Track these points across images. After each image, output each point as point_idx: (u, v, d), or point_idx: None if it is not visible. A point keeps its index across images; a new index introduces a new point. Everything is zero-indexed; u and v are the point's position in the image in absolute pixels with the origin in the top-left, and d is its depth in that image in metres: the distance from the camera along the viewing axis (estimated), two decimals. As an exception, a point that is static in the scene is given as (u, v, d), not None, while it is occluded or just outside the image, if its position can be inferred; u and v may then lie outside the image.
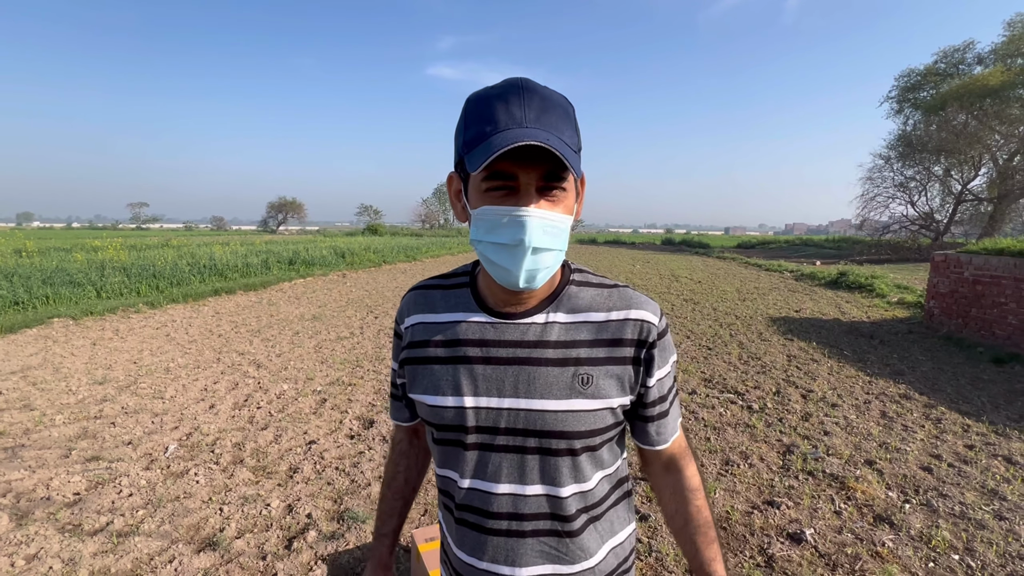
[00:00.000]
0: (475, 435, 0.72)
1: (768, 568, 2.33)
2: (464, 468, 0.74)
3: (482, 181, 0.64)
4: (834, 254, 26.71)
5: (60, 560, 2.28)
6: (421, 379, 0.76)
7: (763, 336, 7.09)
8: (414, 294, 0.83)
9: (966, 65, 25.75)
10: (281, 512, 2.71)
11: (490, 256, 0.67)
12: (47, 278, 9.29)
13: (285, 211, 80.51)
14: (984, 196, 25.31)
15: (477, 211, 0.67)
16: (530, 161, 0.62)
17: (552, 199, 0.65)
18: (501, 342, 0.72)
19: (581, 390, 0.70)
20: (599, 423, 0.71)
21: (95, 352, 5.84)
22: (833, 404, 4.40)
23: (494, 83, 0.67)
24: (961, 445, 3.59)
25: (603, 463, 0.76)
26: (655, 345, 0.73)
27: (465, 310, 0.76)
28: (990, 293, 6.78)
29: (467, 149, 0.64)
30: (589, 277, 0.78)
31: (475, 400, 0.72)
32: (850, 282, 12.14)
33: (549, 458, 0.71)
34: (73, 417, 3.93)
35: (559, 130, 0.63)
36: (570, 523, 0.72)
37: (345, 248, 18.94)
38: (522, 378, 0.71)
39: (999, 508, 2.78)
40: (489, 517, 0.73)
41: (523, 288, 0.68)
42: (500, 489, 0.72)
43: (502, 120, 0.62)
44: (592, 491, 0.74)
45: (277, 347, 6.20)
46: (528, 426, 0.70)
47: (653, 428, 0.77)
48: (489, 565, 0.73)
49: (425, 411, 0.76)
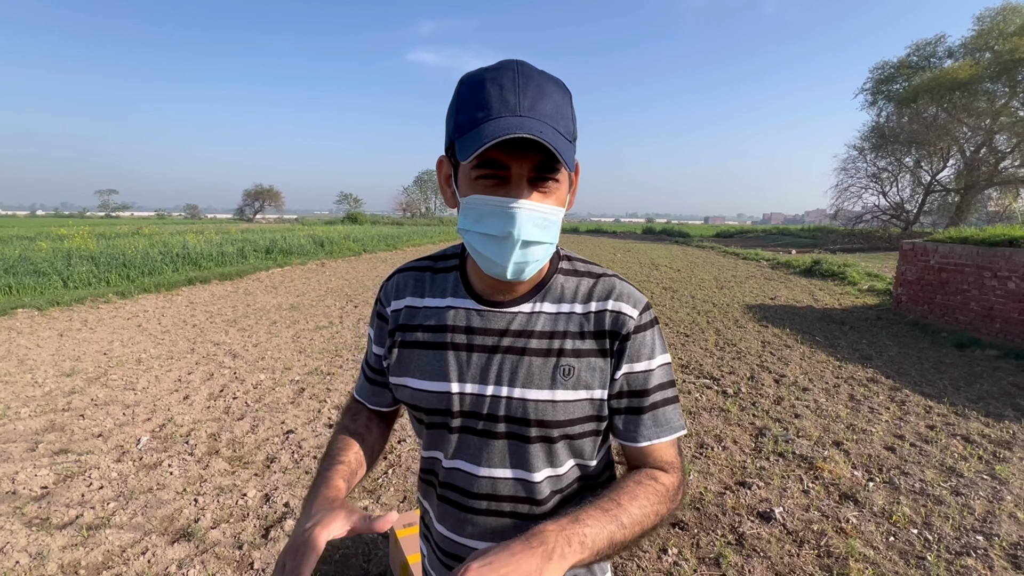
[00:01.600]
0: (459, 419, 0.73)
1: (739, 546, 2.40)
2: (447, 449, 0.75)
3: (472, 169, 0.63)
4: (809, 243, 27.33)
5: (27, 554, 2.22)
6: (408, 363, 0.76)
7: (739, 323, 7.24)
8: (402, 276, 0.81)
9: (937, 58, 26.41)
10: (258, 502, 2.69)
11: (478, 247, 0.66)
12: (9, 267, 8.93)
13: (262, 199, 78.70)
14: (952, 187, 26.15)
15: (466, 200, 0.65)
16: (522, 151, 0.60)
17: (544, 190, 0.64)
18: (487, 330, 0.73)
19: (563, 381, 0.70)
20: (578, 413, 0.71)
21: (62, 343, 5.66)
22: (804, 388, 4.54)
23: (489, 64, 0.64)
24: (923, 426, 3.75)
25: (580, 453, 0.76)
26: (628, 338, 0.71)
27: (453, 295, 0.76)
28: (954, 280, 7.04)
29: (458, 134, 0.62)
30: (578, 265, 0.78)
31: (460, 386, 0.72)
32: (824, 270, 12.46)
33: (526, 445, 0.72)
34: (40, 410, 3.81)
35: (554, 119, 0.61)
36: (542, 506, 0.74)
37: (324, 237, 18.63)
38: (506, 367, 0.71)
39: (956, 484, 2.92)
40: (470, 497, 0.75)
41: (511, 279, 0.67)
42: (481, 472, 0.73)
43: (495, 106, 0.60)
44: (564, 475, 0.75)
45: (254, 337, 6.10)
46: (510, 413, 0.71)
47: (621, 421, 0.74)
48: (468, 540, 0.76)
49: (409, 395, 0.76)
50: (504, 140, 0.57)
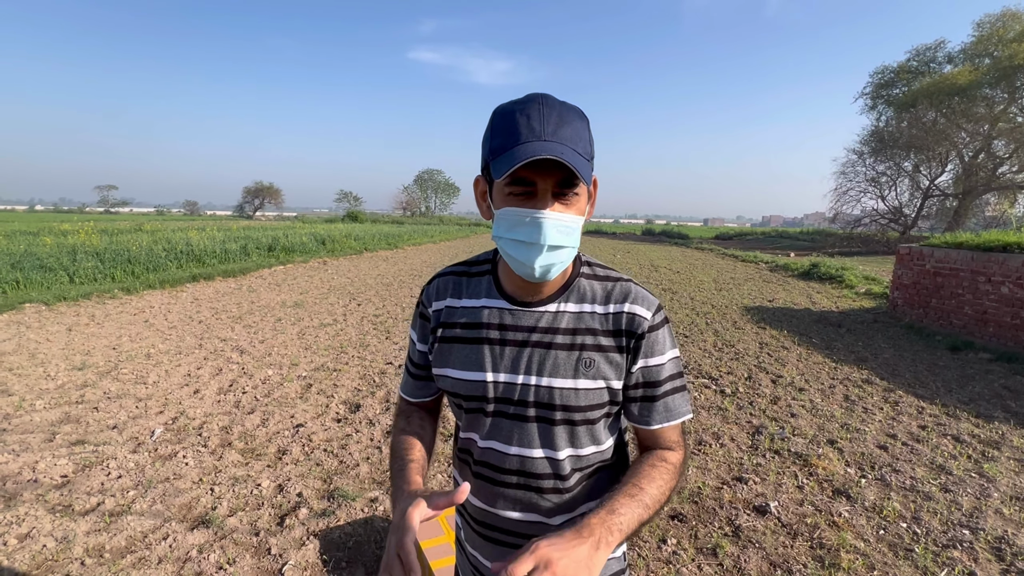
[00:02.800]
0: (493, 404, 0.84)
1: (735, 537, 2.51)
2: (482, 430, 0.86)
3: (505, 186, 0.74)
4: (808, 246, 27.48)
5: (53, 539, 2.32)
6: (448, 356, 0.87)
7: (737, 324, 7.35)
8: (442, 280, 0.92)
9: (937, 64, 26.57)
10: (272, 491, 2.79)
11: (510, 251, 0.77)
12: (16, 263, 9.00)
13: (262, 196, 78.65)
14: (950, 191, 26.31)
15: (500, 211, 0.76)
16: (547, 169, 0.72)
17: (566, 202, 0.75)
18: (518, 327, 0.84)
19: (584, 372, 0.81)
20: (597, 399, 0.82)
21: (71, 338, 5.74)
22: (800, 388, 4.64)
23: (518, 97, 0.77)
24: (915, 425, 3.85)
25: (597, 435, 0.86)
26: (644, 337, 0.83)
27: (487, 296, 0.87)
28: (949, 284, 7.15)
29: (493, 156, 0.74)
30: (597, 271, 0.88)
31: (495, 376, 0.83)
32: (821, 273, 12.57)
33: (552, 427, 0.83)
34: (54, 402, 3.91)
35: (573, 141, 0.72)
36: (566, 480, 0.85)
37: (325, 235, 18.70)
38: (535, 359, 0.82)
39: (945, 482, 3.02)
40: (501, 472, 0.86)
41: (539, 279, 0.78)
42: (511, 451, 0.84)
43: (524, 133, 0.71)
44: (584, 455, 0.86)
45: (260, 333, 6.19)
46: (538, 399, 0.82)
47: (635, 408, 0.86)
48: (499, 511, 0.87)
49: (450, 383, 0.87)
50: (531, 161, 0.69)
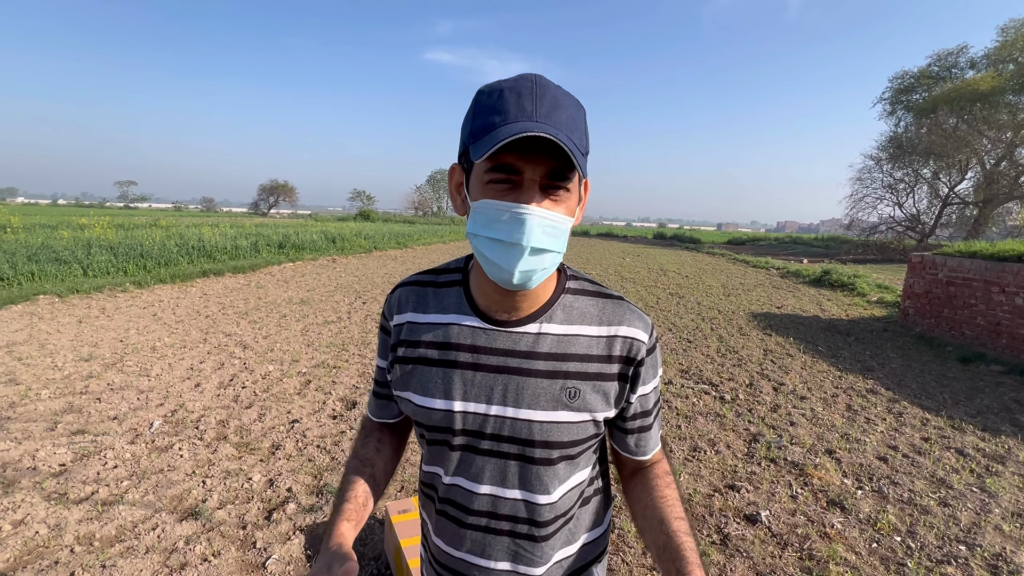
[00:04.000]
0: (461, 437, 0.74)
1: (723, 545, 2.47)
2: (448, 466, 0.76)
3: (485, 172, 0.63)
4: (822, 252, 27.08)
5: (46, 526, 2.36)
6: (410, 379, 0.76)
7: (743, 331, 7.26)
8: (404, 291, 0.80)
9: (959, 69, 26.01)
10: (262, 486, 2.81)
11: (485, 252, 0.65)
12: (32, 255, 9.21)
13: (276, 194, 79.61)
14: (970, 200, 25.74)
15: (477, 203, 0.64)
16: (536, 155, 0.60)
17: (555, 198, 0.63)
18: (493, 350, 0.72)
19: (568, 403, 0.71)
20: (581, 434, 0.72)
21: (81, 329, 5.86)
22: (802, 397, 4.57)
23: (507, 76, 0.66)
24: (918, 437, 3.77)
25: (579, 468, 0.77)
26: (643, 363, 0.74)
27: (457, 312, 0.75)
28: (962, 294, 6.99)
29: (473, 139, 0.62)
30: (585, 285, 0.77)
31: (463, 405, 0.72)
32: (833, 280, 12.37)
33: (529, 465, 0.73)
34: (59, 392, 3.99)
35: (569, 129, 0.61)
36: (543, 528, 0.75)
37: (336, 233, 18.87)
38: (511, 387, 0.71)
39: (944, 496, 2.95)
40: (468, 513, 0.75)
41: (517, 287, 0.66)
42: (481, 489, 0.74)
43: (512, 112, 0.60)
44: (566, 495, 0.76)
45: (264, 329, 6.26)
46: (513, 434, 0.71)
47: (632, 440, 0.79)
48: (464, 555, 0.77)
49: (411, 409, 0.77)
50: (519, 143, 0.58)
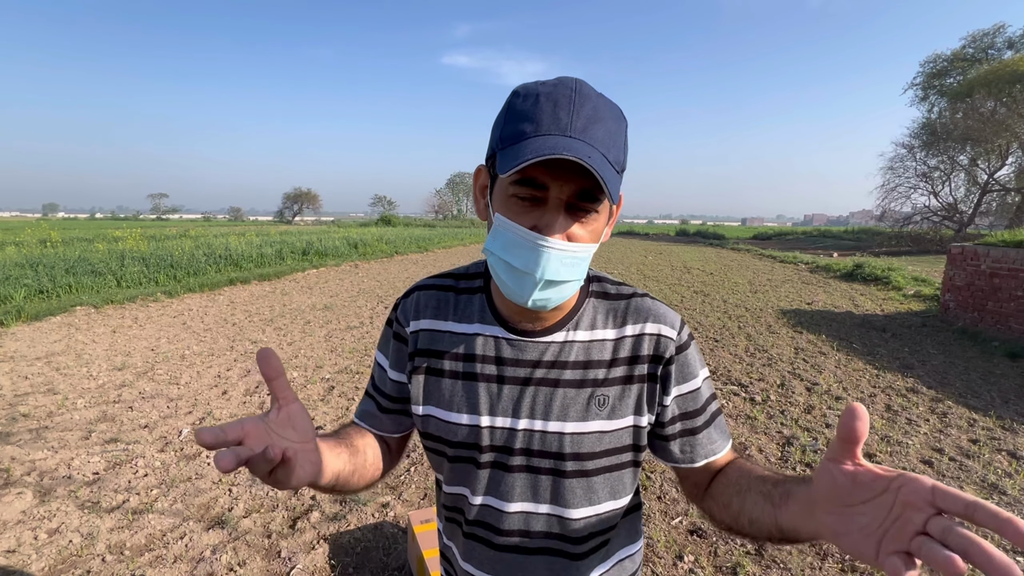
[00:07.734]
0: (489, 454, 0.70)
1: (758, 556, 2.37)
2: (476, 485, 0.72)
3: (510, 184, 0.59)
4: (852, 245, 26.21)
5: (80, 534, 2.41)
6: (431, 392, 0.72)
7: (772, 328, 7.04)
8: (422, 295, 0.76)
9: (995, 50, 24.90)
10: (287, 494, 2.82)
11: (501, 274, 0.63)
12: (70, 267, 9.58)
13: (300, 202, 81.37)
14: (1012, 186, 24.54)
15: (498, 221, 0.61)
16: (566, 174, 0.56)
17: (583, 221, 0.60)
18: (519, 361, 0.69)
19: (598, 411, 0.68)
20: (615, 443, 0.69)
21: (115, 339, 6.04)
22: (837, 397, 4.38)
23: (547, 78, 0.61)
24: (965, 439, 3.57)
25: (618, 487, 0.73)
26: (672, 361, 0.69)
27: (480, 321, 0.72)
28: (1007, 286, 6.64)
29: (502, 145, 0.58)
30: (607, 287, 0.74)
31: (491, 420, 0.69)
32: (866, 274, 11.94)
33: (562, 480, 0.69)
34: (94, 401, 4.10)
35: (605, 145, 0.57)
36: (578, 545, 0.71)
37: (358, 239, 19.13)
38: (539, 400, 0.68)
39: (998, 502, 2.77)
40: (499, 534, 0.71)
41: (532, 310, 0.65)
42: (512, 508, 0.70)
43: (545, 122, 0.56)
44: (603, 514, 0.72)
45: (288, 336, 6.34)
46: (544, 448, 0.68)
47: (677, 447, 0.72)
48: None
49: (436, 426, 0.72)
50: (548, 160, 0.54)
